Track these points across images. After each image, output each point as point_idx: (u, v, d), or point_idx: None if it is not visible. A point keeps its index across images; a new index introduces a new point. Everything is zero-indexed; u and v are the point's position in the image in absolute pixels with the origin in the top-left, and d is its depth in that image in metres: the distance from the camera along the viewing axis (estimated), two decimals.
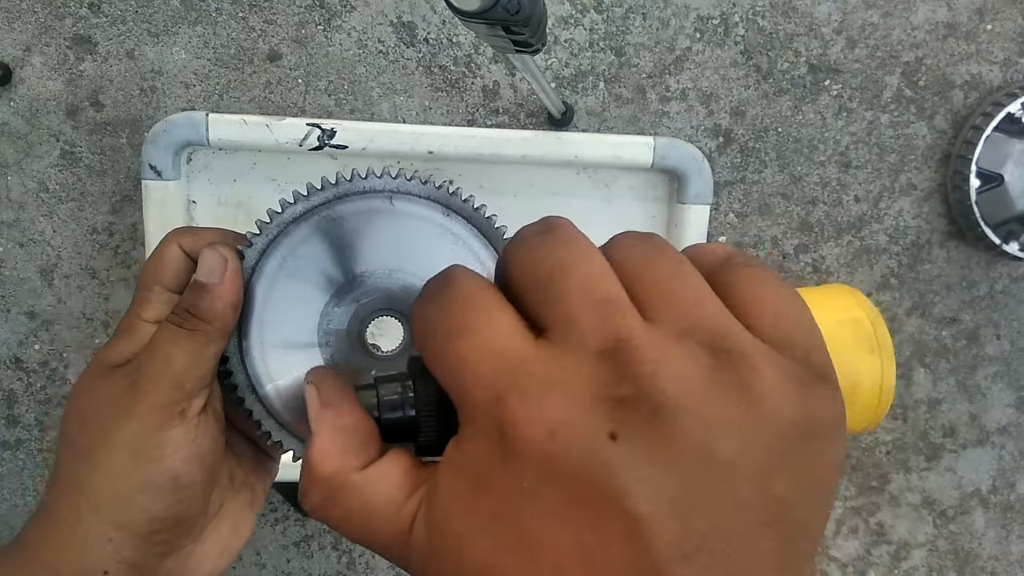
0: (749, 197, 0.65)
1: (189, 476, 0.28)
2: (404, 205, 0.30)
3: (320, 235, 0.29)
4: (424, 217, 0.30)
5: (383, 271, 0.29)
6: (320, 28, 0.60)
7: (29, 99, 0.60)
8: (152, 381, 0.28)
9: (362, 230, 0.30)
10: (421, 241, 0.30)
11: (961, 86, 0.65)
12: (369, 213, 0.30)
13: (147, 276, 0.30)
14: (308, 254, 0.29)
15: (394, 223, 0.30)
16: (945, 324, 0.69)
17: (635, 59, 0.62)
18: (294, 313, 0.29)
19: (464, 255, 0.30)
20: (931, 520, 0.72)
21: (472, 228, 0.31)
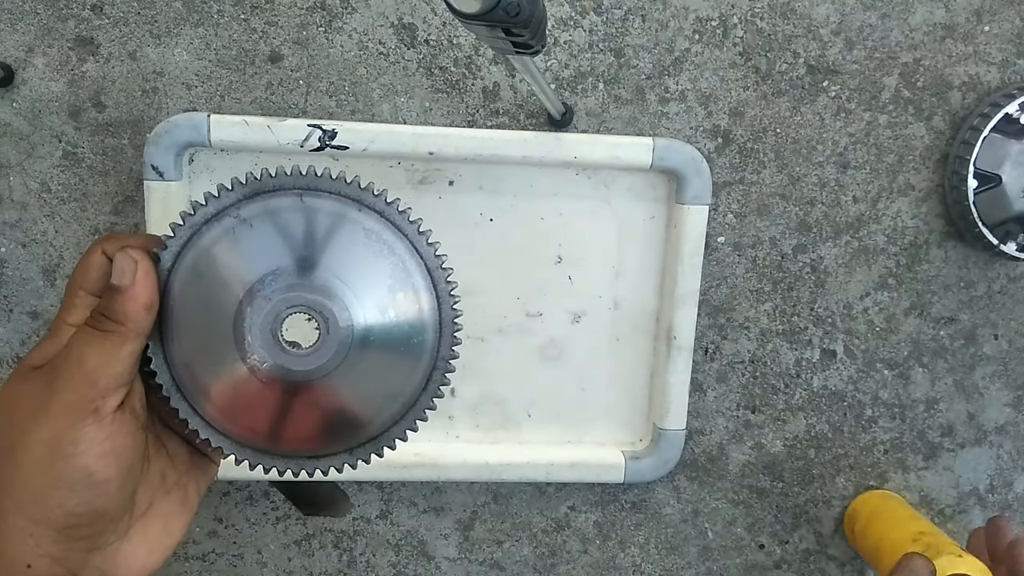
0: (748, 198, 0.65)
1: (103, 472, 0.29)
2: (315, 202, 0.30)
3: (231, 235, 0.30)
4: (336, 213, 0.30)
5: (295, 268, 0.29)
6: (321, 30, 0.61)
7: (31, 100, 0.60)
8: (65, 380, 0.29)
9: (273, 228, 0.30)
10: (333, 237, 0.30)
11: (959, 87, 0.65)
12: (280, 211, 0.30)
13: (73, 281, 0.31)
14: (220, 254, 0.30)
15: (305, 220, 0.30)
16: (943, 324, 0.69)
17: (634, 60, 0.63)
18: (211, 312, 0.30)
19: (379, 249, 0.30)
20: (929, 519, 0.72)
21: (386, 222, 0.31)
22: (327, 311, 0.29)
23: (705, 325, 0.67)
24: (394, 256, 0.30)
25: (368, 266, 0.30)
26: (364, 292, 0.30)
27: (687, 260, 0.61)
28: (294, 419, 0.31)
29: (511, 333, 0.64)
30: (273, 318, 0.29)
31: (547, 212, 0.62)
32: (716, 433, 0.69)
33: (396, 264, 0.30)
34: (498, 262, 0.63)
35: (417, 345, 0.31)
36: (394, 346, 0.30)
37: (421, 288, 0.31)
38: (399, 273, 0.30)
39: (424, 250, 0.31)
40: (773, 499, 0.71)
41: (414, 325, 0.31)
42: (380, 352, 0.30)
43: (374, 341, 0.30)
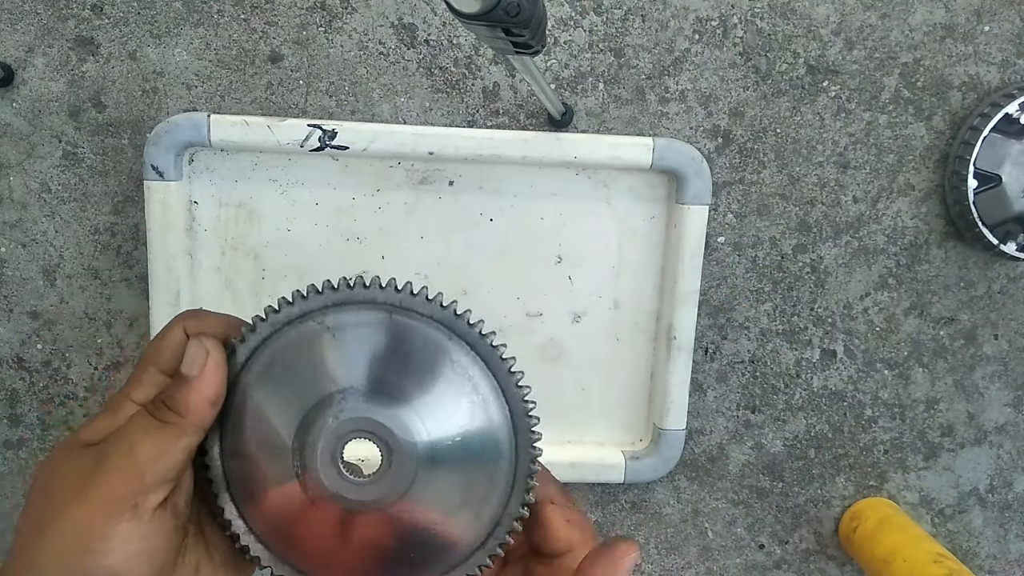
0: (748, 197, 0.65)
1: (130, 573, 0.27)
2: (404, 321, 0.28)
3: (311, 342, 0.28)
4: (424, 338, 0.28)
5: (371, 390, 0.27)
6: (321, 30, 0.61)
7: (31, 100, 0.60)
8: (112, 467, 0.27)
9: (356, 343, 0.28)
10: (416, 364, 0.28)
11: (959, 87, 0.65)
12: (366, 326, 0.28)
13: (146, 356, 0.30)
14: (296, 360, 0.28)
15: (390, 341, 0.28)
16: (943, 324, 0.69)
17: (634, 60, 0.63)
18: (275, 418, 0.28)
19: (461, 385, 0.28)
20: (929, 519, 0.72)
21: (475, 356, 0.28)
22: (393, 440, 0.27)
23: (705, 325, 0.67)
24: (476, 394, 0.28)
25: (447, 401, 0.28)
26: (436, 424, 0.28)
27: (687, 260, 0.61)
28: (349, 547, 0.28)
29: (511, 333, 0.64)
30: (337, 438, 0.27)
31: (547, 212, 0.62)
32: (716, 433, 0.69)
33: (478, 403, 0.28)
34: (498, 262, 0.63)
35: (491, 460, 0.28)
36: (465, 468, 0.28)
37: (500, 427, 0.29)
38: (479, 412, 0.28)
39: (510, 390, 0.29)
40: (773, 499, 0.71)
41: (485, 443, 0.28)
42: (454, 472, 0.28)
43: (444, 462, 0.28)
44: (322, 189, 0.61)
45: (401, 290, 0.28)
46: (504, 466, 0.29)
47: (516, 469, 0.28)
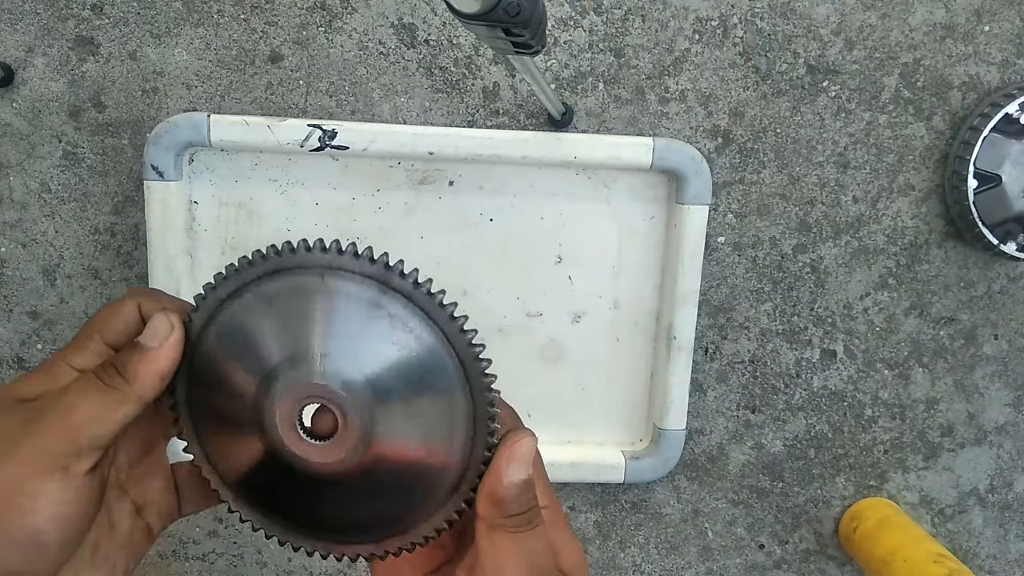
0: (748, 197, 0.65)
1: (50, 536, 0.26)
2: (337, 283, 0.28)
3: (249, 314, 0.28)
4: (357, 296, 0.28)
5: (314, 354, 0.27)
6: (321, 30, 0.61)
7: (31, 100, 0.60)
8: (47, 425, 0.26)
9: (293, 309, 0.28)
10: (354, 323, 0.28)
11: (959, 87, 0.65)
12: (299, 291, 0.28)
13: (92, 324, 0.29)
14: (239, 333, 0.28)
15: (326, 302, 0.28)
16: (943, 324, 0.69)
17: (634, 60, 0.63)
18: (233, 395, 0.28)
19: (396, 331, 0.28)
20: (929, 519, 0.72)
21: (412, 307, 0.28)
22: (344, 405, 0.27)
23: (705, 325, 0.67)
24: (418, 342, 0.28)
25: (381, 345, 0.28)
26: (372, 362, 0.28)
27: (687, 260, 0.61)
28: (330, 504, 0.29)
29: (511, 333, 0.64)
30: (291, 406, 0.27)
31: (547, 212, 0.62)
32: (716, 433, 0.69)
33: (420, 349, 0.28)
34: (498, 262, 0.63)
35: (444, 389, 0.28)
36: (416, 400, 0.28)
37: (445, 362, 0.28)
38: (414, 345, 0.28)
39: (453, 334, 0.28)
40: (773, 499, 0.71)
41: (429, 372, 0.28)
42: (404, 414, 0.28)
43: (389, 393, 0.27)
44: (322, 189, 0.61)
45: (328, 250, 0.28)
46: (460, 403, 0.28)
47: (475, 410, 0.29)
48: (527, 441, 0.28)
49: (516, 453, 0.28)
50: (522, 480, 0.28)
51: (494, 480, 0.28)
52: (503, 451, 0.28)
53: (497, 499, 0.28)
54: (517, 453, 0.28)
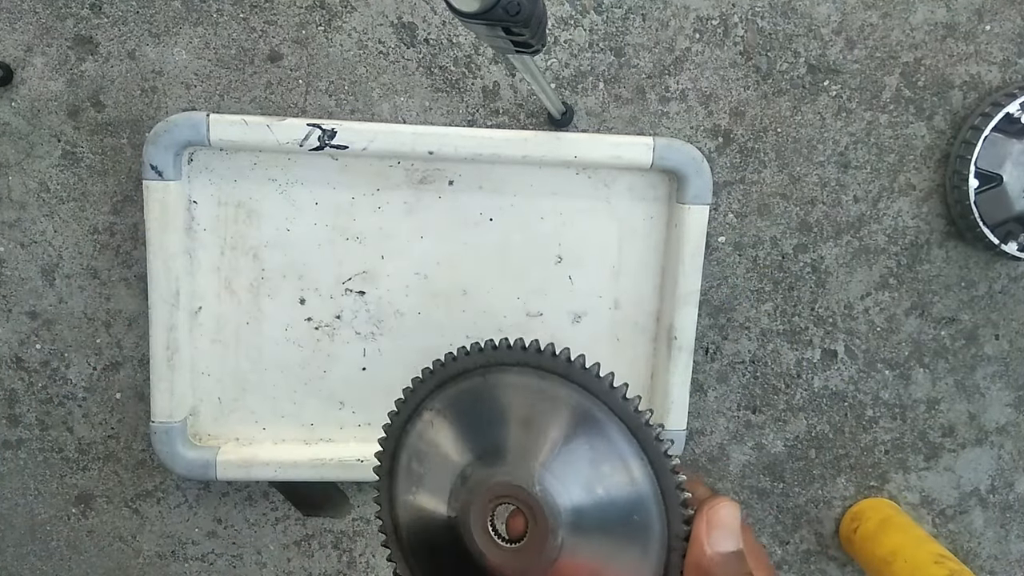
0: (748, 197, 0.65)
1: None
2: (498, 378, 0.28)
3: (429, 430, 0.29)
4: (520, 386, 0.28)
5: (491, 455, 0.27)
6: (321, 29, 0.61)
7: (30, 99, 0.60)
8: None
9: (462, 415, 0.28)
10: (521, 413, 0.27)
11: (960, 86, 0.65)
12: (464, 395, 0.28)
13: None
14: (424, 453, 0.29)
15: (491, 400, 0.28)
16: (944, 324, 0.69)
17: (635, 60, 0.62)
18: (429, 517, 0.28)
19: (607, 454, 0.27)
20: (930, 519, 0.72)
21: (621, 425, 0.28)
22: (530, 499, 0.26)
23: (705, 325, 0.67)
24: (621, 463, 0.27)
25: (591, 468, 0.27)
26: (564, 470, 0.27)
27: (688, 260, 0.61)
28: None
29: (511, 333, 0.64)
30: (483, 505, 0.27)
31: (547, 212, 0.62)
32: (717, 433, 0.69)
33: (620, 470, 0.27)
34: (498, 262, 0.63)
35: (640, 524, 0.27)
36: (613, 527, 0.27)
37: (629, 456, 0.27)
38: (600, 443, 0.27)
39: (658, 461, 0.27)
40: (774, 499, 0.71)
41: (629, 500, 0.27)
42: (600, 535, 0.27)
43: (588, 524, 0.27)
44: (322, 188, 0.60)
45: (484, 348, 0.28)
46: (655, 536, 0.27)
47: (669, 535, 0.27)
48: (728, 506, 0.26)
49: (716, 518, 0.26)
50: (728, 552, 0.25)
51: (696, 551, 0.26)
52: (702, 516, 0.26)
53: (698, 568, 0.26)
54: (717, 518, 0.26)
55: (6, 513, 0.67)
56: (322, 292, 0.62)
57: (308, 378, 0.63)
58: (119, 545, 0.68)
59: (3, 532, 0.67)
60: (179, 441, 0.61)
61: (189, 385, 0.62)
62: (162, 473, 0.66)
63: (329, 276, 0.62)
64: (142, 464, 0.66)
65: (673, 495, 0.27)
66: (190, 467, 0.61)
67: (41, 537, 0.67)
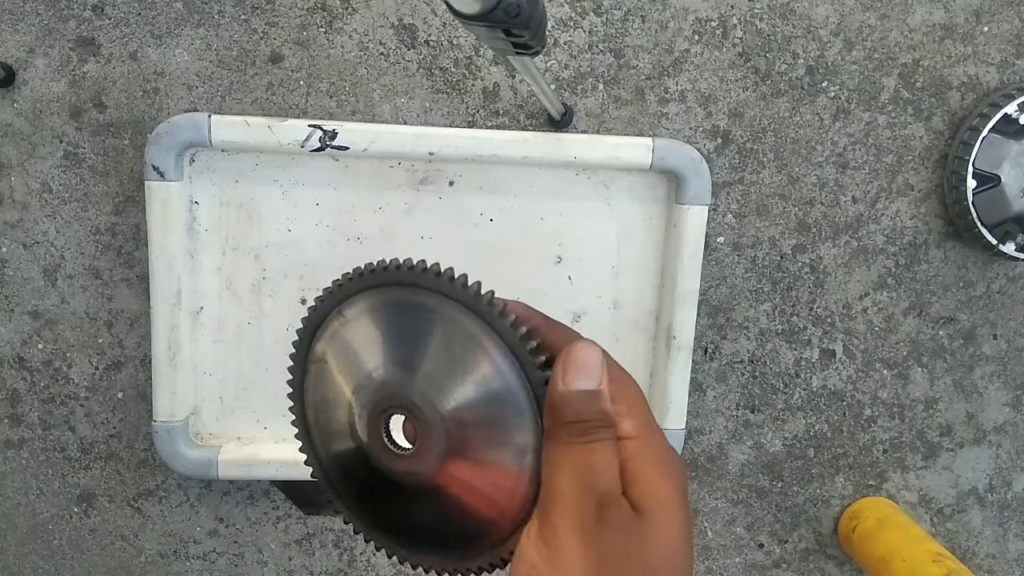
0: (747, 198, 0.66)
1: None
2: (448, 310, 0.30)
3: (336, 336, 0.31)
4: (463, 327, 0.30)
5: (390, 367, 0.29)
6: (322, 30, 0.61)
7: (32, 100, 0.60)
8: None
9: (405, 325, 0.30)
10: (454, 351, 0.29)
11: (958, 87, 0.65)
12: (415, 310, 0.30)
13: None
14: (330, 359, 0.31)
15: (437, 327, 0.29)
16: (942, 324, 0.69)
17: (634, 61, 0.63)
18: (334, 417, 0.30)
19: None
20: (928, 518, 0.72)
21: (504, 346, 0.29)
22: (413, 407, 0.28)
23: (704, 325, 0.67)
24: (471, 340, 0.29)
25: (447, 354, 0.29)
26: (423, 362, 0.29)
27: (687, 260, 0.61)
28: (430, 516, 0.30)
29: None
30: (376, 418, 0.29)
31: (547, 212, 0.62)
32: (716, 433, 0.69)
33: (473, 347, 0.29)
34: (498, 262, 0.63)
35: (503, 385, 0.28)
36: (483, 400, 0.28)
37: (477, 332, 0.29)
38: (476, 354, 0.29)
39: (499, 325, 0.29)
40: (772, 498, 0.71)
41: (507, 400, 0.28)
42: (484, 439, 0.28)
43: (471, 426, 0.28)
44: (322, 189, 0.61)
45: (442, 276, 0.30)
46: (517, 387, 0.29)
47: (532, 386, 0.28)
48: (586, 347, 0.26)
49: (571, 357, 0.26)
50: (580, 389, 0.26)
51: (551, 389, 0.26)
52: (559, 359, 0.27)
53: (553, 406, 0.26)
54: (572, 357, 0.26)
55: (8, 512, 0.67)
56: None
57: None
58: (121, 544, 0.68)
59: (5, 531, 0.67)
60: (181, 440, 0.61)
61: (191, 385, 0.62)
62: (164, 472, 0.67)
63: (330, 276, 0.62)
64: (144, 463, 0.67)
65: (520, 348, 0.28)
66: (192, 466, 0.61)
67: (43, 536, 0.68)
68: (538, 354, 0.28)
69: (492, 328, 0.29)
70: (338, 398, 0.30)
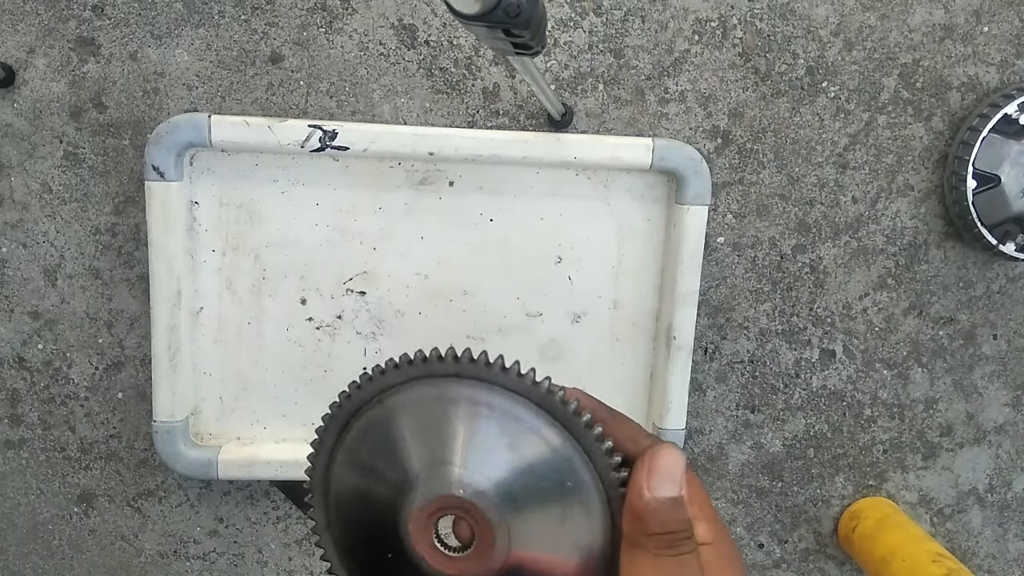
0: (747, 198, 0.66)
1: None
2: (470, 392, 0.28)
3: (385, 425, 0.28)
4: (489, 405, 0.28)
5: (435, 464, 0.27)
6: (322, 31, 0.61)
7: (32, 100, 0.61)
8: None
9: (429, 418, 0.28)
10: (491, 431, 0.27)
11: (958, 88, 0.65)
12: (435, 401, 0.28)
13: None
14: (368, 451, 0.28)
15: (461, 411, 0.27)
16: (942, 324, 0.69)
17: (634, 61, 0.63)
18: (370, 510, 0.28)
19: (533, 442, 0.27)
20: (928, 519, 0.72)
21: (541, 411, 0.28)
22: (471, 508, 0.26)
23: (704, 325, 0.67)
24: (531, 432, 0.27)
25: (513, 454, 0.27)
26: (482, 461, 0.27)
27: (687, 260, 0.61)
28: None
29: (511, 333, 0.64)
30: (423, 524, 0.27)
31: (547, 212, 0.62)
32: (716, 433, 0.69)
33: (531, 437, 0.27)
34: (498, 262, 0.63)
35: (573, 486, 0.27)
36: (549, 497, 0.27)
37: (541, 426, 0.27)
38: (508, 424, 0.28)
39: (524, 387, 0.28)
40: (772, 498, 0.71)
41: (555, 466, 0.27)
42: (540, 510, 0.27)
43: (526, 503, 0.27)
44: (322, 189, 0.61)
45: (476, 361, 0.28)
46: (590, 489, 0.27)
47: (605, 488, 0.27)
48: (670, 453, 0.26)
49: (656, 464, 0.26)
50: (666, 497, 0.25)
51: (635, 495, 0.26)
52: (643, 462, 0.26)
53: (637, 515, 0.26)
54: (657, 464, 0.26)
55: (8, 512, 0.67)
56: (323, 292, 0.62)
57: (309, 378, 0.64)
58: (121, 544, 0.68)
59: (5, 531, 0.67)
60: (181, 440, 0.61)
61: (191, 385, 0.62)
62: (164, 472, 0.67)
63: (330, 276, 0.62)
64: (144, 463, 0.67)
65: (595, 448, 0.27)
66: (192, 466, 0.61)
67: (43, 536, 0.68)
68: (612, 455, 0.27)
69: (566, 428, 0.27)
70: (375, 493, 0.28)
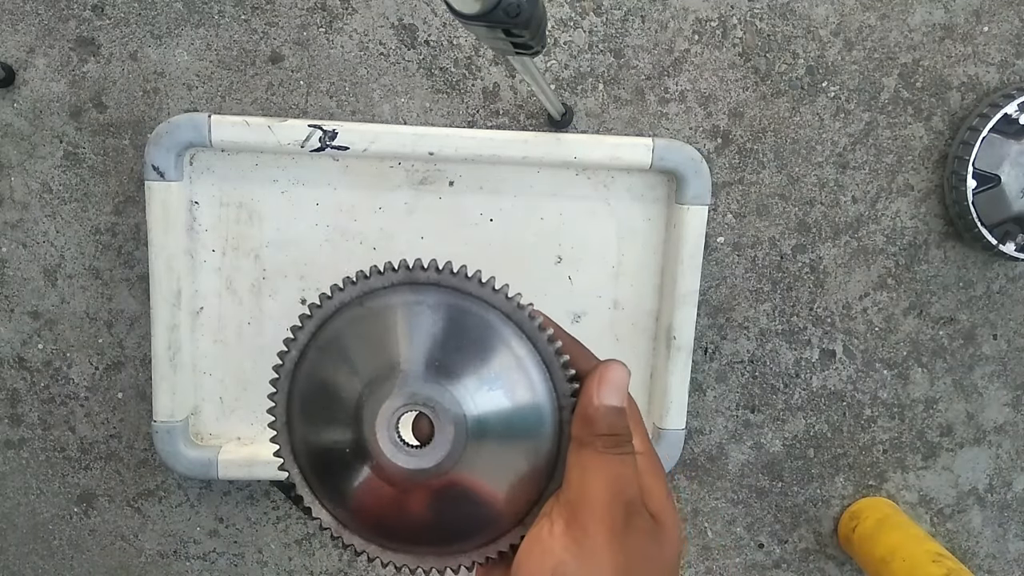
0: (747, 198, 0.66)
1: None
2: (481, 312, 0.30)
3: (354, 326, 0.30)
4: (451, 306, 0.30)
5: (412, 364, 0.29)
6: (322, 30, 0.61)
7: (32, 100, 0.60)
8: None
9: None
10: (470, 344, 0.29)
11: (958, 87, 0.65)
12: (427, 307, 0.30)
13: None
14: (342, 346, 0.30)
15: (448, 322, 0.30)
16: (942, 324, 0.69)
17: (634, 61, 0.63)
18: (333, 409, 0.30)
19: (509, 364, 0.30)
20: (928, 519, 0.72)
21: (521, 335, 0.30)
22: (438, 408, 0.28)
23: (704, 325, 0.67)
24: (522, 374, 0.29)
25: (482, 360, 0.29)
26: (452, 361, 0.29)
27: (687, 260, 0.61)
28: (421, 515, 0.30)
29: None
30: (391, 412, 0.28)
31: (547, 212, 0.62)
32: (716, 433, 0.69)
33: (523, 382, 0.30)
34: (498, 262, 0.63)
35: (530, 388, 0.29)
36: (514, 436, 0.29)
37: (509, 336, 0.30)
38: (479, 331, 0.30)
39: (497, 300, 0.30)
40: (772, 499, 0.71)
41: (517, 371, 0.29)
42: (500, 443, 0.29)
43: (491, 432, 0.29)
44: (322, 189, 0.61)
45: (456, 273, 0.30)
46: (543, 393, 0.30)
47: (558, 395, 0.30)
48: (619, 368, 0.29)
49: (606, 376, 0.29)
50: (613, 405, 0.29)
51: (586, 401, 0.29)
52: (595, 375, 0.29)
53: (587, 418, 0.29)
54: (608, 377, 0.29)
55: (8, 512, 0.67)
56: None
57: None
58: (121, 544, 0.68)
59: (5, 531, 0.67)
60: (181, 440, 0.61)
61: (191, 385, 0.62)
62: (164, 472, 0.67)
63: (330, 276, 0.62)
64: (144, 463, 0.67)
65: (554, 360, 0.29)
66: (192, 466, 0.61)
67: (43, 536, 0.68)
68: (567, 369, 0.30)
69: (528, 339, 0.30)
70: (344, 387, 0.29)
